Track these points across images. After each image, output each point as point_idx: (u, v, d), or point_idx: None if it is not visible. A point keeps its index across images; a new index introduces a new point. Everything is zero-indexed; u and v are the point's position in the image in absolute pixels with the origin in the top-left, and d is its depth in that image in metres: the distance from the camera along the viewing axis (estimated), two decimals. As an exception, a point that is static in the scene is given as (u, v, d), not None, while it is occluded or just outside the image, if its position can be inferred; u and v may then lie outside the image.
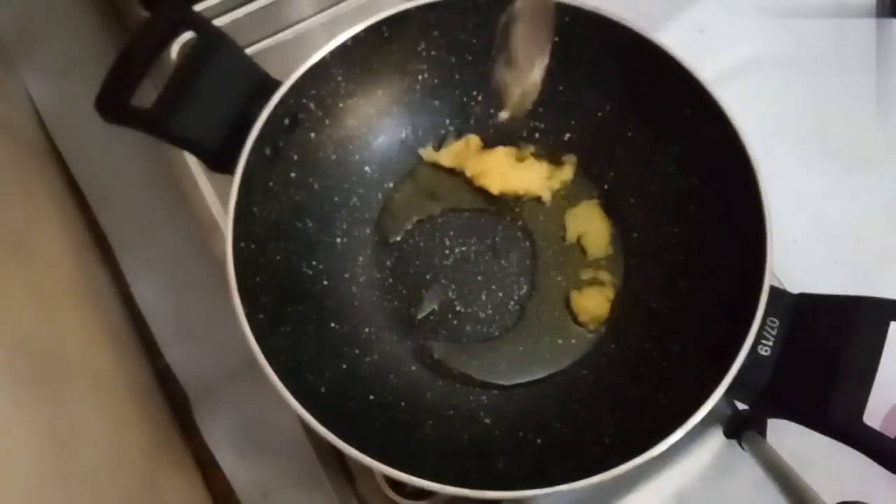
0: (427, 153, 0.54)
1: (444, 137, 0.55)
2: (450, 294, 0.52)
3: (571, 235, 0.53)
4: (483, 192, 0.53)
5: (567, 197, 0.54)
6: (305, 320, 0.47)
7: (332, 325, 0.48)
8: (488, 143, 0.54)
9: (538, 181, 0.53)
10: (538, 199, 0.54)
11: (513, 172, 0.53)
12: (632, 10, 0.47)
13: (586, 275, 0.52)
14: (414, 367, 0.50)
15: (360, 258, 0.52)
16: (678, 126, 0.48)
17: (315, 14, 0.62)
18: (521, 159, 0.54)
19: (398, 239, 0.53)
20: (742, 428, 0.49)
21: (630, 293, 0.51)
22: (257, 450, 0.50)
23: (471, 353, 0.50)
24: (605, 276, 0.52)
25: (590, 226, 0.53)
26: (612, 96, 0.52)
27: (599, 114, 0.52)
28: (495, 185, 0.53)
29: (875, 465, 0.37)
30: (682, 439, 0.38)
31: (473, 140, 0.54)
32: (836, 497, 0.41)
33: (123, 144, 0.56)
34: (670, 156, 0.50)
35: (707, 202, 0.48)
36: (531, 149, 0.54)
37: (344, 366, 0.47)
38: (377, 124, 0.53)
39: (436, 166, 0.54)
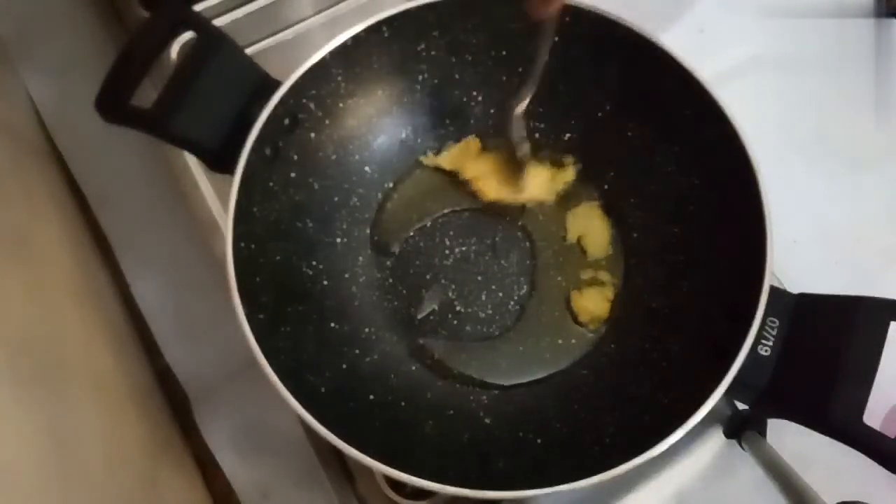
0: (428, 158, 0.54)
1: (444, 138, 0.55)
2: (450, 294, 0.52)
3: (572, 236, 0.53)
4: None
5: (567, 197, 0.54)
6: (305, 320, 0.47)
7: (332, 325, 0.48)
8: (489, 143, 0.54)
9: (541, 186, 0.53)
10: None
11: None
12: (632, 10, 0.47)
13: (586, 275, 0.52)
14: (414, 367, 0.50)
15: (360, 258, 0.52)
16: (678, 126, 0.48)
17: (315, 14, 0.62)
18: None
19: (401, 241, 0.53)
20: (742, 428, 0.49)
21: (630, 293, 0.51)
22: (257, 450, 0.50)
23: (471, 352, 0.50)
24: (605, 276, 0.52)
25: (590, 226, 0.53)
26: (612, 96, 0.52)
27: (599, 114, 0.52)
28: (492, 191, 0.52)
29: (875, 465, 0.37)
30: (682, 439, 0.38)
31: (473, 143, 0.54)
32: (836, 497, 0.41)
33: (123, 144, 0.56)
34: (670, 156, 0.50)
35: (707, 202, 0.48)
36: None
37: (344, 366, 0.47)
38: (377, 124, 0.53)
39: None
